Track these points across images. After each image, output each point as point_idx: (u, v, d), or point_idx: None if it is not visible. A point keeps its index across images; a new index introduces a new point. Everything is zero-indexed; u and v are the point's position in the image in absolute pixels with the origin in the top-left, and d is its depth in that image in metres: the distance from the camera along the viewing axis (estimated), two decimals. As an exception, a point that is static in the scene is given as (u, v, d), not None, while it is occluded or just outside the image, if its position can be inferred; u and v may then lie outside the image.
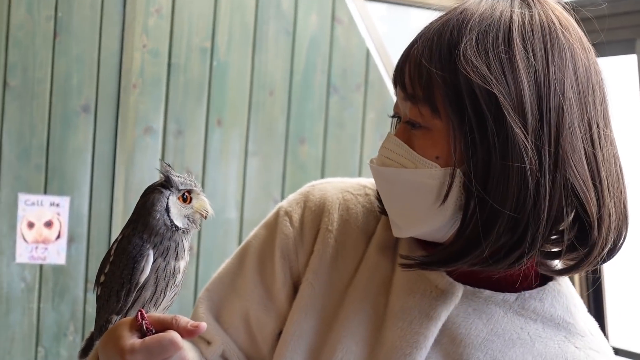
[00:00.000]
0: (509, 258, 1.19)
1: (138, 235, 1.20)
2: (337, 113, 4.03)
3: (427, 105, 1.19)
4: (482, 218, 1.16)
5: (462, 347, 1.26)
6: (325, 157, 4.02)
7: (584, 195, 1.17)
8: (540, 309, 1.30)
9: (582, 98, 1.18)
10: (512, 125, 1.13)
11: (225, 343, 1.40)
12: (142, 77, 3.74)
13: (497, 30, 1.17)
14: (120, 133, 3.70)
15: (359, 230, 1.39)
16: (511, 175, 1.14)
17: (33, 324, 3.63)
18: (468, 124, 1.15)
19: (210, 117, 3.84)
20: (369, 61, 4.05)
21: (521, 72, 1.15)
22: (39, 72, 3.60)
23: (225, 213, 3.86)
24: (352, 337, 1.31)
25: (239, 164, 3.89)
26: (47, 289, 3.64)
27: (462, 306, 1.28)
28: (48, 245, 3.63)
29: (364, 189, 1.43)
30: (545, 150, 1.14)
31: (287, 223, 1.41)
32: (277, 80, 3.94)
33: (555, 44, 1.18)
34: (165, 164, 1.24)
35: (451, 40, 1.17)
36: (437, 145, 1.19)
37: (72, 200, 3.66)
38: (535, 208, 1.15)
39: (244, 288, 1.41)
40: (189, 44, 3.80)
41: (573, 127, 1.16)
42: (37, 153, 3.60)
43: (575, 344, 1.29)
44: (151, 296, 1.19)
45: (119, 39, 3.71)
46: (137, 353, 1.08)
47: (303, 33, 3.97)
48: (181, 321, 1.10)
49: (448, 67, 1.16)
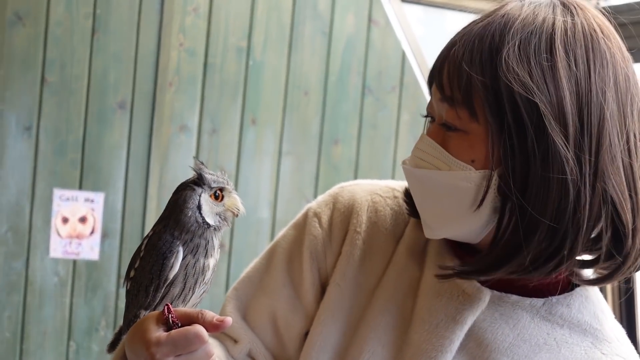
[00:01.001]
0: (547, 266, 1.18)
1: (169, 232, 1.20)
2: (371, 114, 4.03)
3: (466, 109, 1.17)
4: (522, 225, 1.15)
5: (488, 351, 1.25)
6: (358, 158, 4.02)
7: (620, 206, 1.16)
8: (568, 315, 1.29)
9: (621, 108, 1.17)
10: (553, 135, 1.12)
11: (252, 342, 1.40)
12: (178, 76, 3.75)
13: (539, 37, 1.16)
14: (156, 130, 3.72)
15: (387, 232, 1.39)
16: (551, 185, 1.13)
17: (65, 318, 3.66)
18: (507, 131, 1.14)
19: (244, 116, 3.85)
20: (404, 63, 4.05)
21: (563, 81, 1.14)
22: (76, 69, 3.63)
23: (257, 212, 3.87)
24: (379, 339, 1.31)
25: (273, 164, 3.90)
26: (80, 284, 3.67)
27: (488, 311, 1.28)
28: (82, 241, 3.66)
29: (392, 191, 1.43)
30: (585, 160, 1.13)
31: (316, 224, 1.41)
32: (312, 81, 3.95)
33: (598, 53, 1.17)
34: (198, 161, 1.24)
35: (492, 45, 1.16)
36: (473, 149, 1.18)
37: (107, 196, 3.68)
38: (575, 217, 1.14)
39: (271, 288, 1.42)
40: (225, 43, 3.82)
41: (613, 138, 1.15)
42: (73, 149, 3.63)
43: (602, 350, 1.27)
44: (180, 293, 1.19)
45: (156, 38, 3.73)
46: (163, 346, 1.08)
47: (339, 34, 3.97)
48: (207, 315, 1.10)
49: (489, 73, 1.15)
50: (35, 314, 3.63)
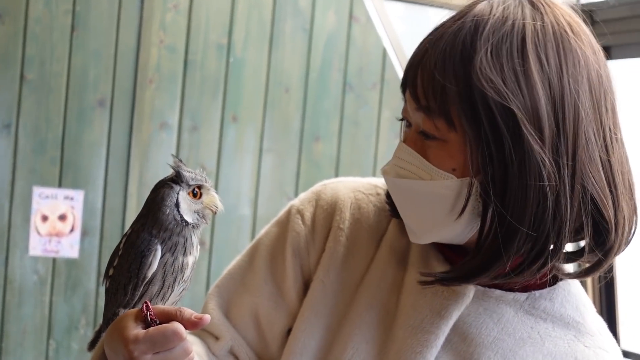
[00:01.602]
0: (531, 269, 1.19)
1: (147, 230, 1.19)
2: (352, 111, 4.03)
3: (443, 119, 1.17)
4: (501, 232, 1.16)
5: (473, 346, 1.26)
6: (339, 155, 4.02)
7: (602, 203, 1.17)
8: (551, 309, 1.30)
9: (595, 105, 1.18)
10: (530, 140, 1.12)
11: (233, 339, 1.40)
12: (158, 73, 3.74)
13: (510, 42, 1.15)
14: (136, 128, 3.71)
15: (370, 229, 1.39)
16: (529, 191, 1.14)
17: (45, 316, 3.65)
18: (485, 139, 1.14)
19: (225, 114, 3.85)
20: (385, 60, 4.05)
21: (537, 85, 1.14)
22: (56, 66, 3.61)
23: (238, 209, 3.87)
24: (363, 335, 1.31)
25: (254, 161, 3.90)
26: (60, 282, 3.65)
27: (473, 306, 1.28)
28: (61, 239, 3.64)
29: (375, 188, 1.43)
30: (563, 163, 1.14)
31: (298, 221, 1.41)
32: (293, 78, 3.95)
33: (569, 53, 1.17)
34: (177, 159, 1.24)
35: (464, 53, 1.16)
36: (453, 157, 1.18)
37: (86, 194, 3.67)
38: (556, 220, 1.15)
39: (254, 285, 1.41)
40: (205, 40, 3.81)
41: (589, 136, 1.16)
42: (52, 146, 3.62)
43: (585, 343, 1.29)
44: (158, 291, 1.19)
45: (136, 35, 3.72)
46: (141, 343, 1.08)
47: (320, 31, 3.97)
48: (185, 313, 1.10)
49: (463, 82, 1.15)
50: (15, 312, 3.61)
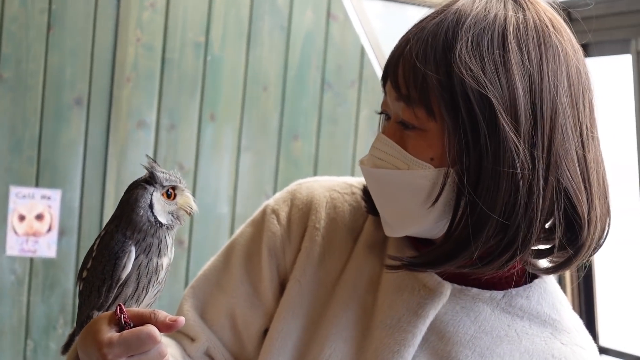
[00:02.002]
0: (499, 260, 1.19)
1: (121, 232, 1.19)
2: (330, 109, 4.03)
3: (423, 107, 1.18)
4: (471, 220, 1.16)
5: (450, 344, 1.27)
6: (318, 154, 4.02)
7: (575, 198, 1.18)
8: (527, 306, 1.30)
9: (574, 101, 1.19)
10: (505, 129, 1.13)
11: (209, 340, 1.40)
12: (135, 71, 3.73)
13: (492, 33, 1.17)
14: (113, 127, 3.70)
15: (346, 228, 1.39)
16: (501, 180, 1.14)
17: (22, 316, 3.63)
18: (462, 127, 1.15)
19: (203, 112, 3.84)
20: (363, 58, 4.05)
21: (516, 76, 1.15)
22: (32, 65, 3.59)
23: (217, 208, 3.86)
24: (340, 335, 1.31)
25: (232, 159, 3.89)
26: (37, 282, 3.63)
27: (450, 304, 1.29)
28: (39, 238, 3.62)
29: (350, 187, 1.43)
30: (538, 155, 1.15)
31: (274, 221, 1.41)
32: (271, 76, 3.94)
33: (550, 48, 1.18)
34: (151, 159, 1.23)
35: (446, 42, 1.17)
36: (432, 147, 1.19)
37: (64, 193, 3.65)
38: (527, 211, 1.16)
39: (230, 285, 1.41)
40: (183, 39, 3.80)
41: (566, 131, 1.17)
42: (29, 146, 3.60)
43: (562, 340, 1.30)
44: (133, 293, 1.18)
45: (113, 33, 3.70)
46: (115, 346, 1.07)
47: (298, 29, 3.97)
48: (159, 315, 1.10)
49: (443, 70, 1.16)
50: (-8, 313, 3.60)
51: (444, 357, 1.26)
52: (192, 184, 3.80)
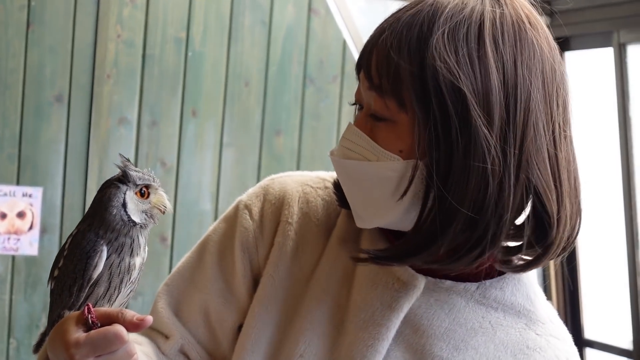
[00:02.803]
0: (468, 257, 1.18)
1: (93, 231, 1.18)
2: (313, 105, 4.03)
3: (394, 99, 1.17)
4: (440, 214, 1.16)
5: (424, 337, 1.26)
6: (301, 149, 4.01)
7: (545, 197, 1.17)
8: (501, 298, 1.30)
9: (547, 99, 1.18)
10: (477, 123, 1.12)
11: (183, 337, 1.39)
12: (116, 68, 3.72)
13: (468, 26, 1.16)
14: (94, 124, 3.69)
15: (319, 223, 1.38)
16: (471, 175, 1.14)
17: (5, 315, 3.62)
18: (433, 120, 1.14)
19: (185, 108, 3.83)
20: (345, 53, 4.05)
21: (491, 71, 1.14)
22: (11, 62, 3.58)
23: (199, 204, 3.85)
24: (314, 330, 1.30)
25: (214, 155, 3.88)
26: (20, 280, 3.63)
27: (424, 297, 1.28)
28: (20, 236, 3.61)
29: (323, 182, 1.42)
30: (510, 151, 1.14)
31: (246, 216, 1.40)
32: (252, 71, 3.93)
33: (525, 44, 1.17)
34: (124, 158, 1.23)
35: (421, 34, 1.16)
36: (401, 139, 1.18)
37: (45, 191, 3.64)
38: (497, 208, 1.15)
39: (203, 282, 1.40)
40: (163, 35, 3.79)
41: (538, 129, 1.16)
42: (9, 143, 3.58)
43: (536, 331, 1.29)
44: (104, 292, 1.18)
45: (93, 29, 3.69)
46: (82, 347, 1.07)
47: (279, 24, 3.96)
48: (127, 315, 1.09)
49: (417, 61, 1.15)
50: (-26, 311, 3.59)
51: (419, 350, 1.26)
52: (174, 181, 3.79)
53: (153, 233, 3.68)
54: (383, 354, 1.25)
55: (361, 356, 1.25)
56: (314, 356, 1.29)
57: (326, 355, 1.29)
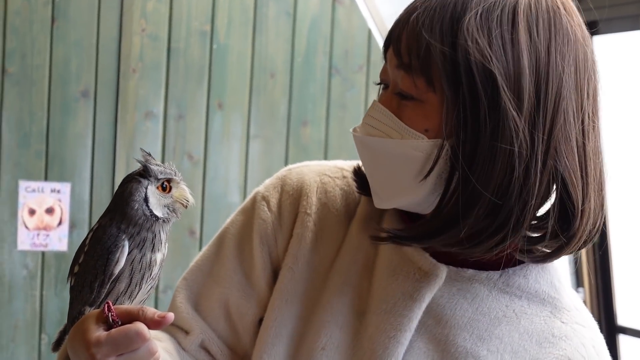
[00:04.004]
0: (489, 242, 1.17)
1: (115, 225, 1.17)
2: (339, 95, 4.01)
3: (423, 77, 1.16)
4: (463, 197, 1.14)
5: (447, 327, 1.25)
6: (327, 139, 4.00)
7: (572, 186, 1.16)
8: (525, 285, 1.29)
9: (579, 87, 1.16)
10: (507, 106, 1.11)
11: (204, 332, 1.38)
12: (141, 62, 3.72)
13: (502, 8, 1.14)
14: (121, 118, 3.69)
15: (338, 213, 1.37)
16: (498, 157, 1.12)
17: (36, 311, 3.63)
18: (462, 101, 1.13)
19: (211, 101, 3.83)
20: (370, 42, 4.03)
21: (523, 54, 1.13)
22: (37, 59, 3.59)
23: (227, 197, 3.85)
24: (336, 321, 1.29)
25: (241, 148, 3.87)
26: (50, 275, 3.64)
27: (446, 287, 1.27)
28: (50, 232, 3.62)
29: (341, 171, 1.41)
30: (538, 136, 1.13)
31: (264, 208, 1.39)
32: (278, 63, 3.92)
33: (560, 30, 1.16)
34: (145, 152, 1.22)
35: (454, 13, 1.14)
36: (428, 118, 1.17)
37: (73, 186, 3.65)
38: (522, 194, 1.14)
39: (222, 275, 1.39)
40: (188, 28, 3.79)
41: (568, 116, 1.15)
42: (37, 139, 3.60)
43: (562, 318, 1.28)
44: (125, 288, 1.17)
45: (118, 24, 3.69)
46: (103, 346, 1.05)
47: (304, 14, 3.94)
48: (148, 312, 1.08)
49: (449, 41, 1.13)
50: (5, 307, 3.60)
51: (442, 340, 1.25)
52: (201, 174, 3.79)
53: (182, 226, 3.69)
54: (405, 344, 1.25)
55: (383, 347, 1.24)
56: (336, 348, 1.28)
57: (348, 347, 1.29)
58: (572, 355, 1.26)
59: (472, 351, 1.24)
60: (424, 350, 1.25)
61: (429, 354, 1.25)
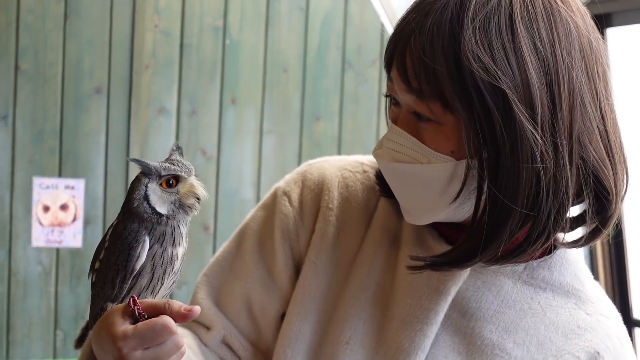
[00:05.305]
0: (532, 249, 1.17)
1: (131, 221, 1.17)
2: (352, 89, 4.00)
3: (438, 101, 1.14)
4: (493, 214, 1.14)
5: (473, 320, 1.25)
6: (341, 134, 3.99)
7: (603, 174, 1.16)
8: (549, 278, 1.29)
9: (589, 73, 1.15)
10: (522, 120, 1.10)
11: (226, 328, 1.38)
12: (154, 58, 3.72)
13: (499, 17, 1.12)
14: (134, 114, 3.69)
15: (359, 207, 1.37)
16: (521, 172, 1.11)
17: (51, 307, 3.64)
18: (477, 120, 1.11)
19: (224, 96, 3.82)
20: (383, 36, 4.01)
21: (528, 61, 1.11)
22: (50, 55, 3.59)
23: (241, 193, 3.84)
24: (359, 315, 1.29)
25: (254, 143, 3.87)
26: (64, 272, 3.64)
27: (470, 280, 1.27)
28: (64, 229, 3.63)
29: (361, 166, 1.40)
30: (560, 139, 1.12)
31: (286, 203, 1.39)
32: (290, 58, 3.91)
33: (560, 24, 1.14)
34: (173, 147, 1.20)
35: (452, 32, 1.12)
36: (451, 140, 1.15)
37: (87, 182, 3.65)
38: (556, 199, 1.13)
39: (244, 271, 1.39)
40: (200, 23, 3.78)
41: (585, 107, 1.14)
42: (50, 136, 3.60)
43: (586, 310, 1.29)
44: (148, 284, 1.16)
45: (130, 20, 3.69)
46: (130, 339, 1.05)
47: (316, 9, 3.93)
48: (174, 305, 1.07)
49: (452, 63, 1.11)
50: (20, 304, 3.61)
51: (468, 333, 1.25)
52: (215, 170, 3.79)
53: (196, 222, 3.68)
54: (432, 338, 1.24)
55: (409, 341, 1.24)
56: (360, 342, 1.28)
57: (372, 341, 1.28)
58: (597, 347, 1.26)
59: (498, 343, 1.24)
60: (450, 343, 1.25)
61: (454, 347, 1.25)
